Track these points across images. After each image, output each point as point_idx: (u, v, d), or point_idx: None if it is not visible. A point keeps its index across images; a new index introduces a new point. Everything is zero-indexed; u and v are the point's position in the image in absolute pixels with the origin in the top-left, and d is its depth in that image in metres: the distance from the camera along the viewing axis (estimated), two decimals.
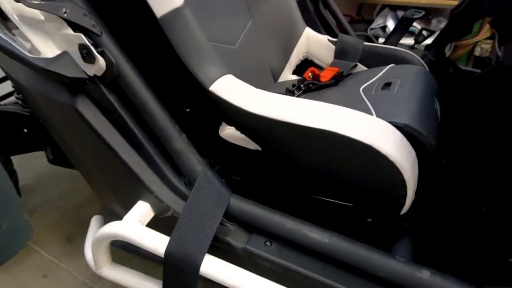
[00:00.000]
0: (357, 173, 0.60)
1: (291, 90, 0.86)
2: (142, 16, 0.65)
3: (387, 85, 0.75)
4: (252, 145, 0.70)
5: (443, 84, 0.84)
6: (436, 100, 0.74)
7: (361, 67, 0.97)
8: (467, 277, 0.58)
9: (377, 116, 0.63)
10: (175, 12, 0.63)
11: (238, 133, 0.70)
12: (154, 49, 0.68)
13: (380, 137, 0.55)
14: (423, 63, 0.90)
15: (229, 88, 0.64)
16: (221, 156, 0.80)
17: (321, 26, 1.49)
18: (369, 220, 0.71)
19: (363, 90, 0.77)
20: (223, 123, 0.75)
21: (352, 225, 0.71)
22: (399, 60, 0.91)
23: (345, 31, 1.47)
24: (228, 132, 0.74)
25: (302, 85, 0.87)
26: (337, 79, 0.88)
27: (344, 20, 1.48)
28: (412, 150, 0.58)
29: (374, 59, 0.95)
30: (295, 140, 0.61)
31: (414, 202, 0.66)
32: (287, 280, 0.62)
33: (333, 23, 1.50)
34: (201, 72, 0.64)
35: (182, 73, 0.65)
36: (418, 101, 0.68)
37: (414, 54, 0.92)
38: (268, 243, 0.66)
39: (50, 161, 1.18)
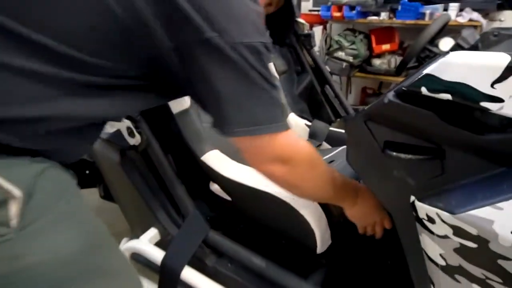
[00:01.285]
0: (284, 221, 0.91)
1: None
2: (164, 111, 1.05)
3: (329, 162, 1.07)
4: (227, 196, 1.05)
5: None
6: None
7: (326, 146, 1.29)
8: None
9: None
10: (184, 111, 1.02)
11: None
12: (170, 132, 1.07)
13: (295, 198, 0.87)
14: None
15: (212, 159, 1.01)
16: (214, 205, 1.14)
17: (326, 104, 1.84)
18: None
19: None
20: (211, 181, 1.10)
21: (291, 259, 1.00)
22: None
23: (345, 109, 1.80)
24: (215, 187, 1.09)
25: None
26: None
27: (344, 100, 1.82)
28: (319, 208, 0.88)
29: (335, 141, 1.27)
30: (246, 195, 0.94)
31: (334, 248, 0.95)
32: None
33: (336, 102, 1.84)
34: (196, 148, 1.01)
35: (185, 147, 1.03)
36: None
37: None
38: (229, 264, 0.97)
39: (101, 196, 1.59)
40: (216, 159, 1.01)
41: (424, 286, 0.69)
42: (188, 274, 0.94)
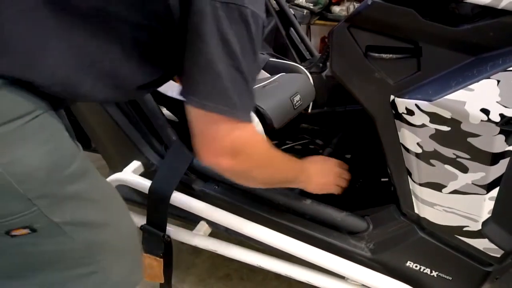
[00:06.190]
0: None
1: None
2: None
3: (264, 87, 1.11)
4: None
5: (319, 86, 1.26)
6: (298, 95, 1.08)
7: (265, 74, 1.32)
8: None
9: None
10: None
11: None
12: None
13: None
14: (307, 73, 1.26)
15: None
16: None
17: (291, 48, 1.86)
18: None
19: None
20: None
21: None
22: (289, 70, 1.27)
23: (310, 51, 1.83)
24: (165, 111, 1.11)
25: None
26: None
27: (309, 42, 1.85)
28: (254, 116, 0.90)
29: (274, 70, 1.30)
30: None
31: None
32: (226, 208, 0.97)
33: (301, 46, 1.86)
34: None
35: None
36: (275, 93, 1.04)
37: (302, 67, 1.29)
38: (216, 187, 1.01)
39: None
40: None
41: (401, 176, 0.77)
42: (178, 197, 0.96)
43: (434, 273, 0.83)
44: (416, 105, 0.66)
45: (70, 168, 0.55)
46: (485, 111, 0.60)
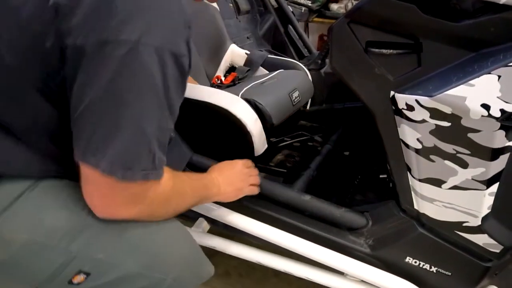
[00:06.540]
0: (222, 130, 0.94)
1: None
2: None
3: (262, 83, 1.12)
4: None
5: (318, 83, 1.27)
6: (297, 91, 1.09)
7: (264, 71, 1.33)
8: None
9: (242, 95, 0.98)
10: None
11: None
12: None
13: (232, 104, 0.90)
14: (306, 69, 1.29)
15: None
16: None
17: (290, 45, 1.86)
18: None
19: (250, 84, 1.11)
20: None
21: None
22: (288, 67, 1.29)
23: (308, 49, 1.83)
24: None
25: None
26: (234, 82, 1.26)
27: (307, 40, 1.85)
28: (254, 113, 0.92)
29: (273, 66, 1.31)
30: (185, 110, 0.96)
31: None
32: (224, 205, 0.97)
33: (300, 43, 1.86)
34: None
35: None
36: (273, 90, 1.04)
37: (300, 64, 1.31)
38: None
39: None
40: None
41: (401, 172, 0.77)
42: None
43: (434, 269, 0.83)
44: (416, 100, 0.66)
45: None
46: (486, 107, 0.60)
